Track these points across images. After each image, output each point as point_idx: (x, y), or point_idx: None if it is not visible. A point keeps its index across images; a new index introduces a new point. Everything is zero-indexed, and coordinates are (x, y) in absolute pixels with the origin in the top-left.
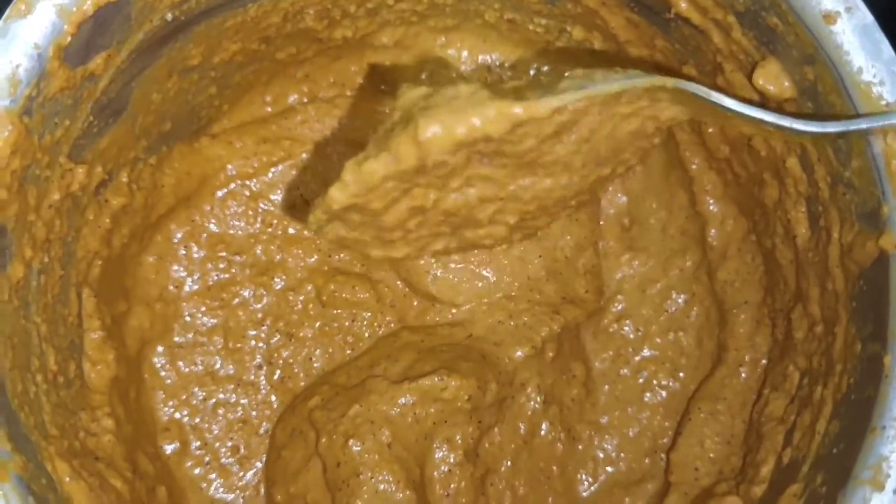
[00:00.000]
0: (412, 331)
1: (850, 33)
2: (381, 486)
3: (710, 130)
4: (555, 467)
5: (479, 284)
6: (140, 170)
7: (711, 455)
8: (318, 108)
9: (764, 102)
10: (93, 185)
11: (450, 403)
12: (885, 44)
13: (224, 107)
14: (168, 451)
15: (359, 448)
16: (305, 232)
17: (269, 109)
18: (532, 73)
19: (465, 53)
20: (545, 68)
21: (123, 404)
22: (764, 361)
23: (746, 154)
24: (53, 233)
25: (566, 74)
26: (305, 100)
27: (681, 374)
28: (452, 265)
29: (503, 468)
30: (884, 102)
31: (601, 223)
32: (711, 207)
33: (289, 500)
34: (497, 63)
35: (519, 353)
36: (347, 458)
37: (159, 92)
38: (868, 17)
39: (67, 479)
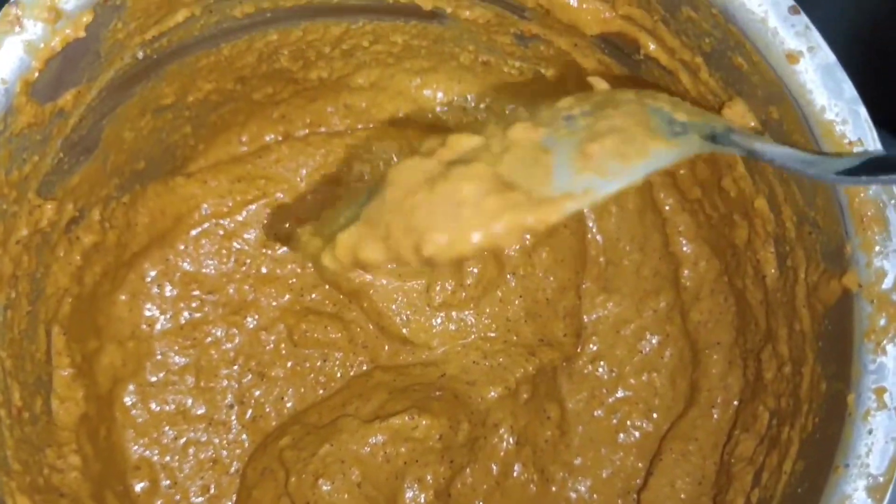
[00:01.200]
0: (384, 370)
1: (813, 73)
2: None
3: (682, 172)
4: None
5: (453, 328)
6: (113, 208)
7: (682, 496)
8: (291, 146)
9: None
10: (63, 221)
11: (421, 443)
12: (847, 83)
13: (199, 146)
14: (138, 490)
15: (328, 488)
16: (277, 271)
17: (245, 149)
18: (509, 111)
19: (440, 95)
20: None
21: (92, 442)
22: (735, 402)
23: (717, 195)
24: (21, 269)
25: (557, 105)
26: (280, 138)
27: (654, 415)
28: (427, 308)
29: None
30: (846, 141)
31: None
32: (685, 248)
33: None
34: (472, 103)
35: (492, 394)
36: (317, 498)
37: (132, 130)
38: (830, 57)
39: None
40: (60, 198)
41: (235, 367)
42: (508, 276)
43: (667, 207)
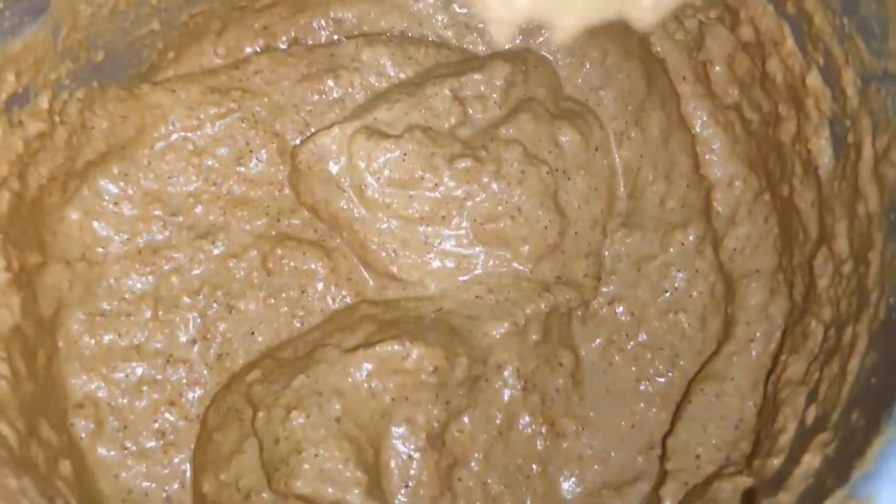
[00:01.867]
0: (371, 304)
1: None
2: (327, 465)
3: (718, 69)
4: (534, 465)
5: (452, 265)
6: (65, 101)
7: (714, 441)
8: (272, 56)
9: None
10: (2, 95)
11: (412, 376)
12: None
13: (169, 53)
14: (80, 431)
15: (302, 421)
16: (252, 193)
17: (220, 61)
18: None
19: (439, 4)
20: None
21: (27, 364)
22: (779, 333)
23: (759, 90)
24: None
25: None
26: (259, 49)
27: (680, 361)
28: (422, 243)
29: (473, 461)
30: None
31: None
32: (716, 171)
33: (218, 488)
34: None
35: (497, 331)
36: (288, 433)
37: (88, 3)
38: None
39: None
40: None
41: (200, 298)
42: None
43: (698, 123)
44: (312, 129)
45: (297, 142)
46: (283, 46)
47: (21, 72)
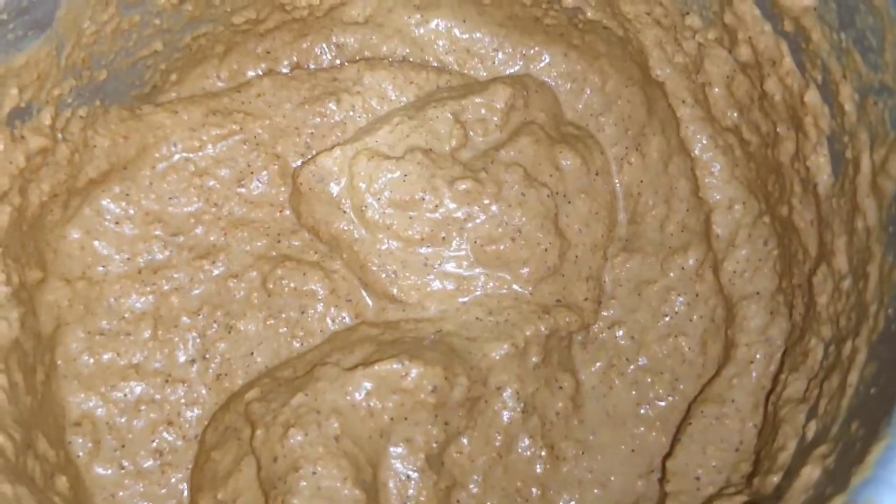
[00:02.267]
0: (371, 325)
1: None
2: (325, 483)
3: (717, 91)
4: (534, 489)
5: (452, 287)
6: (67, 118)
7: (714, 463)
8: (274, 80)
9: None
10: (4, 108)
11: (411, 395)
12: None
13: (172, 75)
14: (77, 449)
15: (300, 439)
16: (252, 214)
17: (222, 84)
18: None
19: (441, 30)
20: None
21: (26, 378)
22: (779, 355)
23: (758, 111)
24: None
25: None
26: (261, 73)
27: (680, 385)
28: (421, 264)
29: (472, 483)
30: None
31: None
32: (716, 194)
33: None
34: (479, 44)
35: (497, 352)
36: (286, 451)
37: (93, 21)
38: None
39: None
40: (1, 73)
41: (199, 318)
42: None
43: (697, 147)
44: (314, 152)
45: (299, 163)
46: (286, 70)
47: (24, 86)
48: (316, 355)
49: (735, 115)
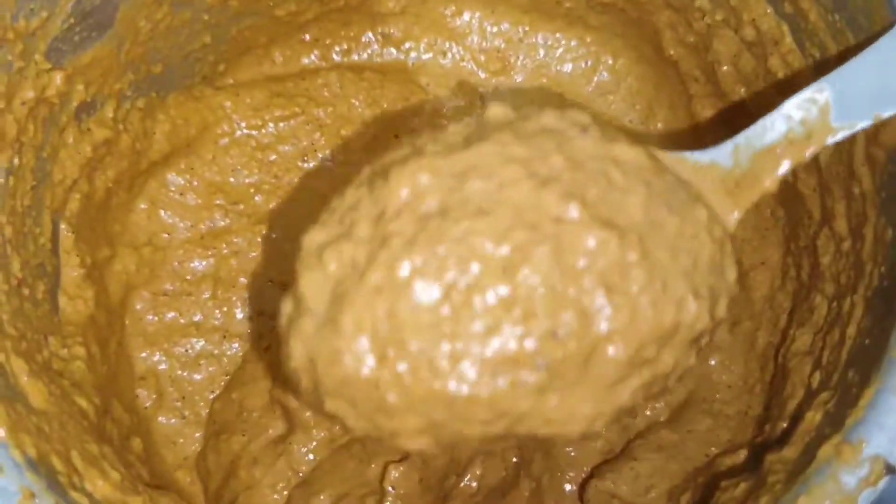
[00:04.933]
0: None
1: None
2: None
3: (725, 69)
4: None
5: None
6: (127, 110)
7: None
8: (342, 75)
9: None
10: (73, 103)
11: None
12: None
13: (220, 66)
14: (144, 402)
15: None
16: (310, 183)
17: (280, 71)
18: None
19: (475, 24)
20: None
21: (101, 349)
22: (785, 316)
23: (763, 86)
24: (26, 136)
25: None
26: (325, 64)
27: None
28: None
29: None
30: None
31: None
32: None
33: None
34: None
35: None
36: None
37: (148, 20)
38: None
39: (25, 377)
40: (70, 72)
41: (256, 278)
42: None
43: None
44: None
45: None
46: (338, 58)
47: (89, 83)
48: None
49: (742, 90)
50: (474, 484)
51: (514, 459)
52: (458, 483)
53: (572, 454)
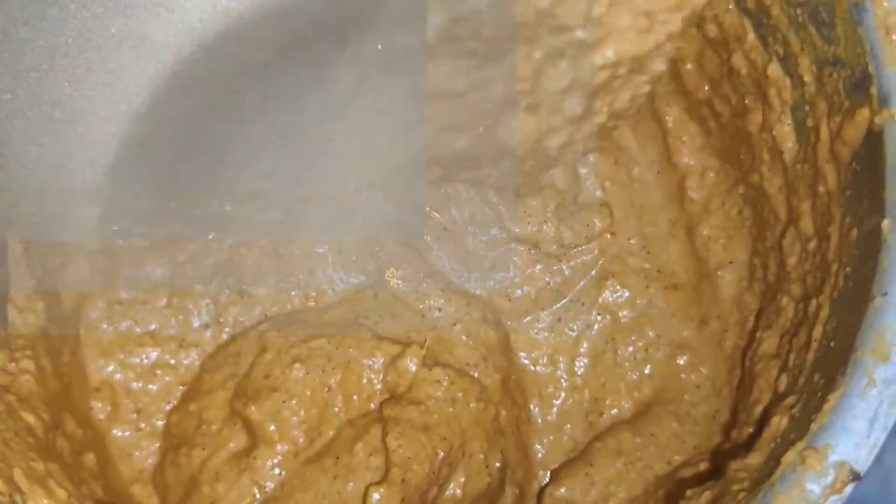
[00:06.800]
0: None
1: None
2: (286, 414)
3: (689, 67)
4: None
5: None
6: None
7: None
8: None
9: None
10: None
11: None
12: None
13: None
14: (98, 414)
15: (300, 374)
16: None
17: None
18: None
19: None
20: None
21: (53, 361)
22: (752, 318)
23: (727, 84)
24: None
25: None
26: None
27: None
28: None
29: None
30: None
31: None
32: (689, 161)
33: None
34: None
35: None
36: (279, 376)
37: None
38: None
39: None
40: None
41: (213, 285)
42: None
43: (670, 120)
44: None
45: None
46: None
47: None
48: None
49: (707, 87)
50: (458, 492)
51: (498, 465)
52: (442, 493)
53: (539, 456)
